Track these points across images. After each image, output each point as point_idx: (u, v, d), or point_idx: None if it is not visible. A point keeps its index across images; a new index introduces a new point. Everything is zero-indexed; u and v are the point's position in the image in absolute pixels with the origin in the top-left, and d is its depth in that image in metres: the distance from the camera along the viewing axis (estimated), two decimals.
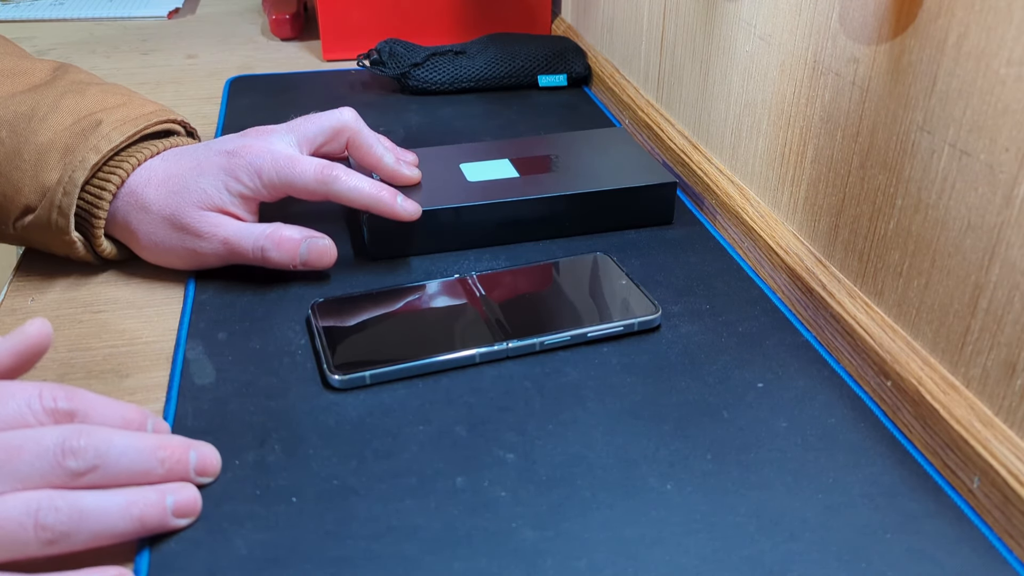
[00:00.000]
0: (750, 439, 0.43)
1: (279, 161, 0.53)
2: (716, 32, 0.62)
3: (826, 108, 0.50)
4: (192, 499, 0.38)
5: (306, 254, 0.53)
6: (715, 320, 0.52)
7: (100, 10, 1.16)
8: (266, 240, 0.53)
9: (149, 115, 0.55)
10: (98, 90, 0.56)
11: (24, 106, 0.53)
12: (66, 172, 0.51)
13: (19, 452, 0.34)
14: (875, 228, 0.47)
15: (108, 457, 0.36)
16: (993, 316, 0.39)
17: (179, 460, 0.39)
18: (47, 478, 0.35)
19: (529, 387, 0.47)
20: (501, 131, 0.78)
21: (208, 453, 0.40)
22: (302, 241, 0.53)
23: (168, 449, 0.38)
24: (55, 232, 0.52)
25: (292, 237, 0.53)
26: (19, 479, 0.34)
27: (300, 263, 0.53)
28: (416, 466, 0.41)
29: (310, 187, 0.53)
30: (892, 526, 0.38)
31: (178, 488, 0.38)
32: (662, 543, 0.38)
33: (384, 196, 0.55)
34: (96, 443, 0.36)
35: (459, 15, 0.98)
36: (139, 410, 0.40)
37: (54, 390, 0.37)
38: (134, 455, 0.37)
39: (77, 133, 0.52)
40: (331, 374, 0.46)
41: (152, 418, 0.41)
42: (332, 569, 0.36)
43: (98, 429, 0.36)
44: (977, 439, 0.39)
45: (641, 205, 0.61)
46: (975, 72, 0.38)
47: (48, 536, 0.34)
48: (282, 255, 0.53)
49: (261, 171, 0.53)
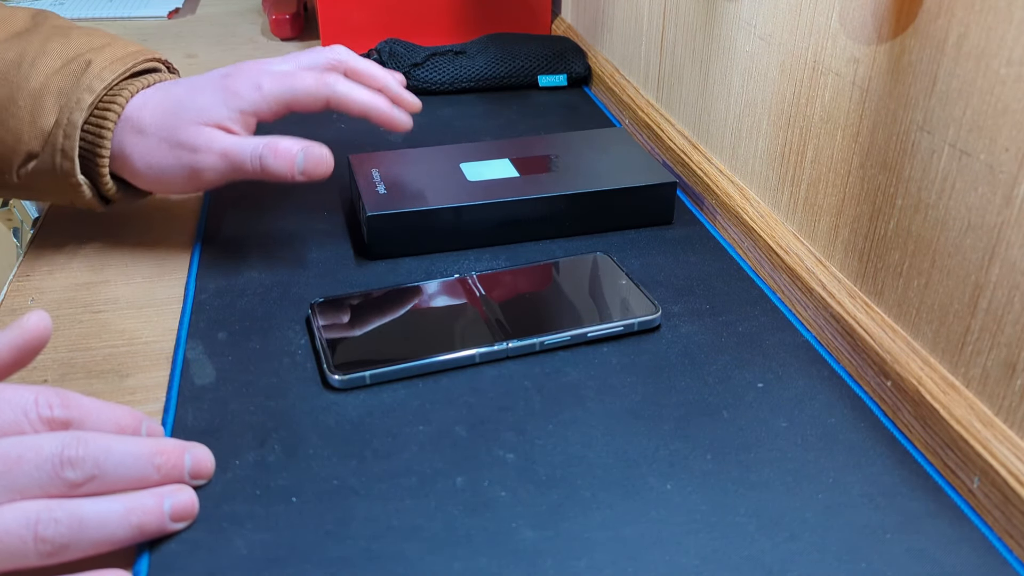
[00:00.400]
0: (750, 439, 0.43)
1: (276, 74, 0.55)
2: (716, 32, 0.62)
3: (826, 108, 0.50)
4: (189, 502, 0.38)
5: (303, 162, 0.52)
6: (715, 320, 0.52)
7: (100, 10, 1.16)
8: (264, 148, 0.52)
9: (135, 53, 0.56)
10: (81, 32, 0.56)
11: (11, 53, 0.53)
12: (63, 114, 0.52)
13: (18, 462, 0.34)
14: (875, 228, 0.47)
15: (106, 466, 0.36)
16: (993, 316, 0.39)
17: (175, 465, 0.38)
18: (45, 488, 0.34)
19: (529, 387, 0.47)
20: (501, 131, 0.78)
21: (202, 456, 0.40)
22: (299, 150, 0.53)
23: (164, 455, 0.38)
24: (60, 176, 0.53)
25: (289, 145, 0.53)
26: (17, 490, 0.34)
27: (299, 172, 0.52)
28: (416, 466, 0.41)
29: (311, 90, 0.54)
30: (892, 526, 0.38)
31: (175, 492, 0.38)
32: (662, 543, 0.38)
33: (381, 103, 0.56)
34: (94, 452, 0.36)
35: (459, 15, 0.98)
36: (133, 414, 0.40)
37: (49, 397, 0.37)
38: (131, 462, 0.37)
39: (68, 75, 0.52)
40: (331, 374, 0.46)
41: (146, 421, 0.41)
42: (332, 569, 0.36)
43: (95, 437, 0.36)
44: (977, 439, 0.39)
45: (641, 205, 0.61)
46: (975, 72, 0.38)
47: (48, 548, 0.34)
48: (279, 163, 0.52)
49: (261, 84, 0.54)
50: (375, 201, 0.57)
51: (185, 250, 0.59)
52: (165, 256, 0.58)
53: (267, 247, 0.59)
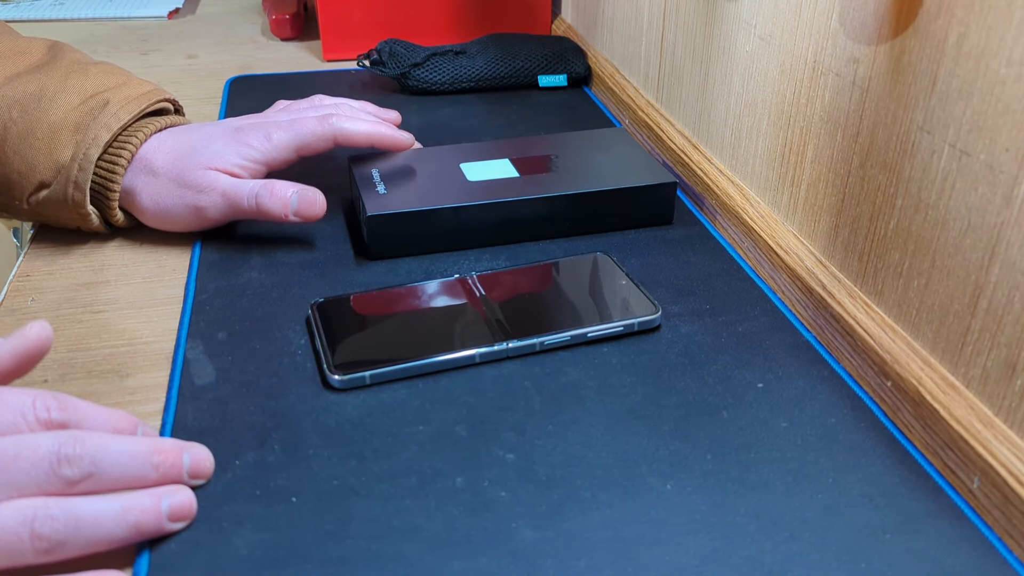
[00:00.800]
0: (750, 439, 0.43)
1: (283, 123, 0.59)
2: (716, 32, 0.62)
3: (826, 108, 0.50)
4: (187, 503, 0.38)
5: (296, 203, 0.56)
6: (715, 320, 0.52)
7: (100, 10, 1.16)
8: (261, 188, 0.56)
9: (149, 94, 0.60)
10: (98, 70, 0.59)
11: (32, 86, 0.56)
12: (79, 149, 0.55)
13: (15, 460, 0.34)
14: (875, 228, 0.47)
15: (103, 464, 0.36)
16: (993, 316, 0.39)
17: (173, 464, 0.39)
18: (42, 486, 0.35)
19: (529, 387, 0.47)
20: (501, 131, 0.78)
21: (201, 455, 0.40)
22: (293, 192, 0.56)
23: (162, 454, 0.38)
24: (71, 206, 0.56)
25: (284, 187, 0.56)
26: (15, 487, 0.34)
27: (292, 212, 0.56)
28: (416, 466, 0.41)
29: (317, 132, 0.58)
30: (892, 526, 0.38)
31: (173, 492, 0.38)
32: (662, 543, 0.38)
33: (383, 129, 0.60)
34: (91, 450, 0.36)
35: (459, 15, 0.98)
36: (129, 418, 0.40)
37: (47, 399, 0.37)
38: (128, 461, 0.37)
39: (86, 112, 0.56)
40: (331, 374, 0.46)
41: (142, 426, 0.41)
42: (332, 569, 0.36)
43: (93, 436, 0.36)
44: (977, 439, 0.39)
45: (641, 205, 0.61)
46: (975, 72, 0.38)
47: (44, 545, 0.34)
48: (274, 202, 0.56)
49: (270, 134, 0.58)
50: (375, 201, 0.57)
51: (185, 250, 0.59)
52: (165, 256, 0.58)
53: (267, 247, 0.59)
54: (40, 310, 0.53)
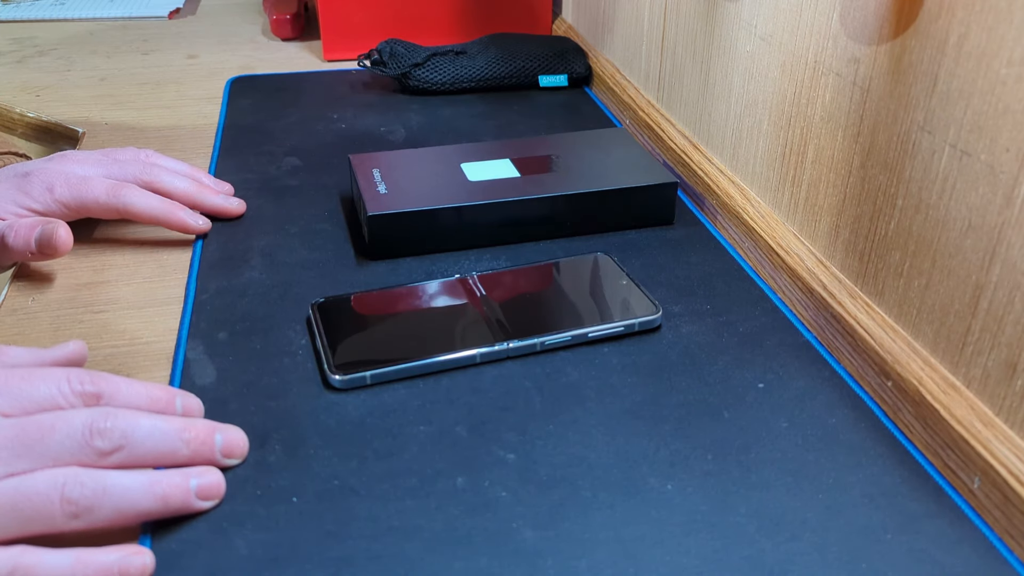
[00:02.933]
0: (751, 439, 0.43)
1: (71, 180, 0.56)
2: (717, 32, 0.62)
3: (827, 108, 0.50)
4: (216, 482, 0.39)
5: (39, 237, 0.53)
6: (716, 320, 0.52)
7: (101, 10, 1.16)
8: (6, 228, 0.53)
9: None
10: None
11: None
12: None
13: (51, 431, 0.36)
14: (876, 228, 0.47)
15: (134, 438, 0.37)
16: (994, 316, 0.39)
17: (204, 442, 0.40)
18: (76, 456, 0.36)
19: (529, 387, 0.47)
20: (502, 131, 0.78)
21: (235, 436, 0.41)
22: (37, 226, 0.53)
23: (193, 431, 0.39)
24: None
25: (29, 223, 0.54)
26: (50, 457, 0.36)
27: (34, 247, 0.53)
28: (417, 466, 0.41)
29: (100, 201, 0.56)
30: (892, 526, 0.38)
31: (202, 471, 0.39)
32: (662, 543, 0.38)
33: (176, 211, 0.58)
34: (122, 424, 0.37)
35: (460, 15, 0.98)
36: (166, 388, 0.41)
37: (81, 374, 0.39)
38: (159, 436, 0.38)
39: None
40: (332, 374, 0.46)
41: (182, 396, 0.42)
42: (332, 569, 0.36)
43: (125, 412, 0.38)
44: (978, 439, 0.39)
45: (642, 205, 0.61)
46: (976, 72, 0.38)
47: (73, 509, 0.35)
48: (17, 240, 0.53)
49: (53, 188, 0.56)
50: (376, 201, 0.57)
51: (186, 250, 0.59)
52: (166, 256, 0.58)
53: (268, 247, 0.59)
54: (41, 310, 0.53)
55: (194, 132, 0.78)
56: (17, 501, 0.34)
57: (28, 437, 0.35)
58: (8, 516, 0.34)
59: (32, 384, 0.37)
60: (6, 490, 0.34)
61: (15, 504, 0.34)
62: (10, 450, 0.35)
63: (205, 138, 0.77)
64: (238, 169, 0.70)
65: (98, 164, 0.60)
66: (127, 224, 0.62)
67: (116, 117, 0.82)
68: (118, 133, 0.79)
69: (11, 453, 0.35)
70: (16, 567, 0.33)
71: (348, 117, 0.81)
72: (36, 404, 0.37)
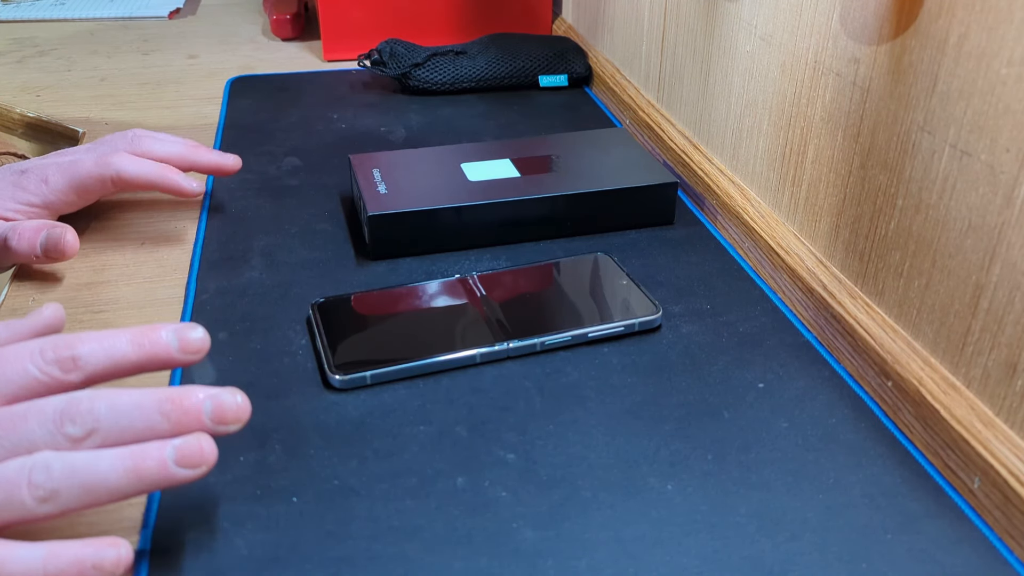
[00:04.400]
0: (751, 439, 0.43)
1: (62, 166, 0.57)
2: (717, 32, 0.62)
3: (827, 108, 0.50)
4: (196, 446, 0.35)
5: (44, 241, 0.53)
6: (716, 320, 0.52)
7: (101, 10, 1.16)
8: (10, 231, 0.53)
9: None
10: None
11: None
12: None
13: (24, 420, 0.35)
14: (876, 228, 0.47)
15: (107, 419, 0.35)
16: (994, 316, 0.39)
17: (187, 411, 0.36)
18: (49, 444, 0.35)
19: (530, 387, 0.47)
20: (502, 131, 0.78)
21: (226, 400, 0.36)
22: (43, 229, 0.53)
23: (173, 401, 0.36)
24: None
25: (34, 226, 0.54)
26: (24, 446, 0.34)
27: (40, 251, 0.53)
28: (417, 466, 0.41)
29: (93, 173, 0.56)
30: (893, 526, 0.38)
31: (184, 438, 0.35)
32: (663, 543, 0.38)
33: (168, 174, 0.58)
34: (95, 406, 0.35)
35: (460, 15, 0.98)
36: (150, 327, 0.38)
37: (54, 341, 0.37)
38: (134, 413, 0.35)
39: None
40: (332, 374, 0.46)
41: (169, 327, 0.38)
42: (332, 569, 0.36)
43: (99, 393, 0.36)
44: (978, 439, 0.39)
45: (642, 205, 0.61)
46: (976, 72, 0.38)
47: (40, 494, 0.33)
48: (21, 243, 0.53)
49: (47, 178, 0.56)
50: (376, 201, 0.57)
51: (186, 250, 0.59)
52: (166, 256, 0.58)
53: (268, 247, 0.59)
54: None
55: (194, 132, 0.78)
56: None
57: (1, 428, 0.34)
58: None
59: (7, 363, 0.36)
60: None
61: None
62: None
63: (205, 138, 0.77)
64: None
65: (88, 150, 0.60)
66: (127, 224, 0.62)
67: (116, 117, 0.82)
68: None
69: None
70: None
71: (348, 117, 0.81)
72: (14, 384, 0.36)
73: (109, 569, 0.33)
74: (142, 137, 0.61)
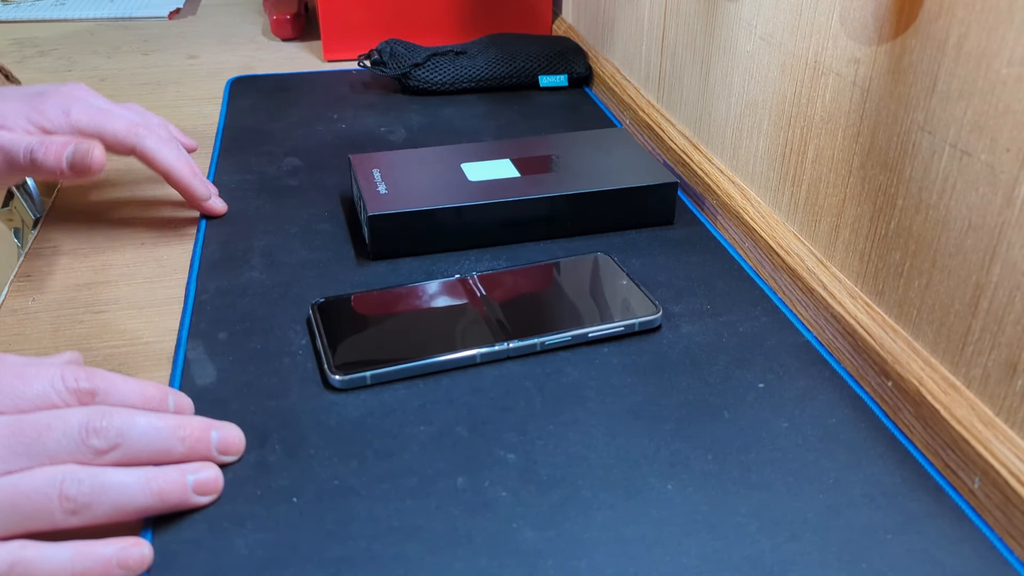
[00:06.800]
0: (751, 439, 0.43)
1: (91, 107, 0.55)
2: (717, 32, 0.62)
3: (827, 108, 0.50)
4: (213, 478, 0.39)
5: (71, 156, 0.52)
6: (716, 320, 0.52)
7: (101, 10, 1.16)
8: (37, 143, 0.52)
9: None
10: None
11: None
12: None
13: (48, 430, 0.36)
14: (876, 228, 0.47)
15: (130, 436, 0.37)
16: (994, 316, 0.39)
17: (199, 439, 0.40)
18: (73, 455, 0.36)
19: (530, 387, 0.47)
20: (502, 131, 0.78)
21: (231, 433, 0.41)
22: (70, 144, 0.52)
23: (188, 428, 0.39)
24: None
25: (61, 140, 0.53)
26: (47, 455, 0.36)
27: (67, 166, 0.52)
28: (417, 466, 0.41)
29: (119, 134, 0.55)
30: (893, 526, 0.38)
31: (199, 467, 0.39)
32: (663, 543, 0.38)
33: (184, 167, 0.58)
34: (118, 423, 0.37)
35: (460, 15, 0.98)
36: (159, 387, 0.41)
37: (75, 371, 0.39)
38: (155, 434, 0.38)
39: None
40: (332, 374, 0.46)
41: (174, 394, 0.42)
42: (333, 569, 0.36)
43: (121, 410, 0.38)
44: (978, 439, 0.39)
45: (642, 205, 0.61)
46: (976, 72, 0.38)
47: (71, 506, 0.35)
48: (48, 157, 0.52)
49: (70, 110, 0.54)
50: (376, 201, 0.57)
51: (186, 250, 0.59)
52: (166, 256, 0.58)
53: (268, 247, 0.59)
54: (41, 310, 0.53)
55: (194, 132, 0.78)
56: (15, 499, 0.34)
57: (25, 435, 0.35)
58: (7, 513, 0.34)
59: (26, 382, 0.37)
60: (4, 487, 0.34)
61: (14, 502, 0.34)
62: (7, 448, 0.35)
63: (205, 138, 0.77)
64: (238, 169, 0.70)
65: (111, 104, 0.59)
66: (127, 224, 0.62)
67: None
68: None
69: (8, 451, 0.35)
70: (17, 561, 0.33)
71: (348, 117, 0.81)
72: (30, 402, 0.37)
73: (134, 567, 0.36)
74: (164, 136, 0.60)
